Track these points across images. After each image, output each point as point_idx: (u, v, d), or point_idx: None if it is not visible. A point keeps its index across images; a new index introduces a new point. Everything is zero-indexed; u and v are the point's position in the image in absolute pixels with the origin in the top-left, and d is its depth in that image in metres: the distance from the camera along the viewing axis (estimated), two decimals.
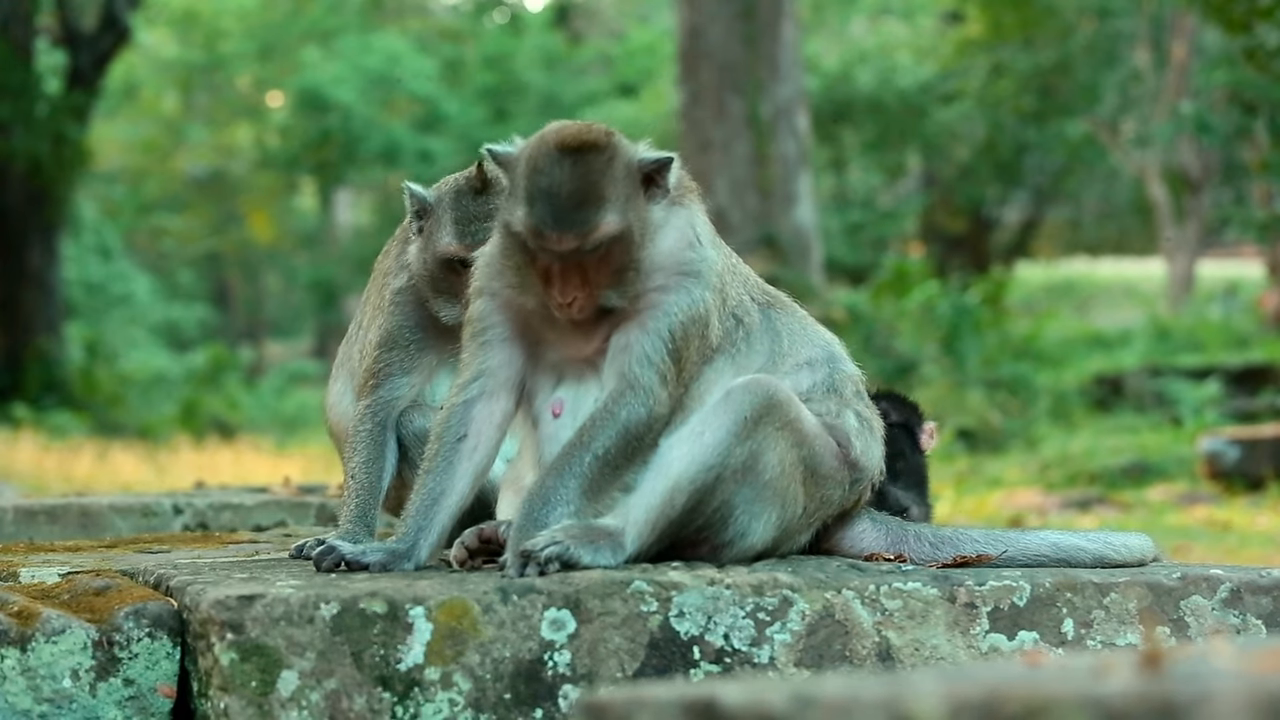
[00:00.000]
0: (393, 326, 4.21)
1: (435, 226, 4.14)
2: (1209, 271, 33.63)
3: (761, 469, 3.43)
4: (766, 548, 3.53)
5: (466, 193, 4.13)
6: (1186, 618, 3.61)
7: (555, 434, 3.57)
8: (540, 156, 3.42)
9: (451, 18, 44.47)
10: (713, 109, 19.50)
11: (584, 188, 3.39)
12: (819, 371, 3.70)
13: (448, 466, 3.61)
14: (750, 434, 3.40)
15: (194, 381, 27.82)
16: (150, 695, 3.38)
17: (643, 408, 3.44)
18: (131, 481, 13.88)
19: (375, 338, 4.24)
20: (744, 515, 3.45)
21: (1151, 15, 29.89)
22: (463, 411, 3.63)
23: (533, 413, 3.66)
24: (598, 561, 3.35)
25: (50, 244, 23.88)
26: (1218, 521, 11.45)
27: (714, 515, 3.43)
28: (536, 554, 3.31)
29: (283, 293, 44.94)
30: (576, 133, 3.44)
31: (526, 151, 3.47)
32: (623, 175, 3.44)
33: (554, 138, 3.44)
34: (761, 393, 3.42)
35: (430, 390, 4.28)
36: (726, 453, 3.39)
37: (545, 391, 3.63)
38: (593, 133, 3.45)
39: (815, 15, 34.61)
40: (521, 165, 3.45)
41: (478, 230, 4.06)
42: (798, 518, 3.55)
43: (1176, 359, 21.74)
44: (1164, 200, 30.39)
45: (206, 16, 38.22)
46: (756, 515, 3.46)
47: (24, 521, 5.61)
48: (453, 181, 4.20)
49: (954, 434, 17.15)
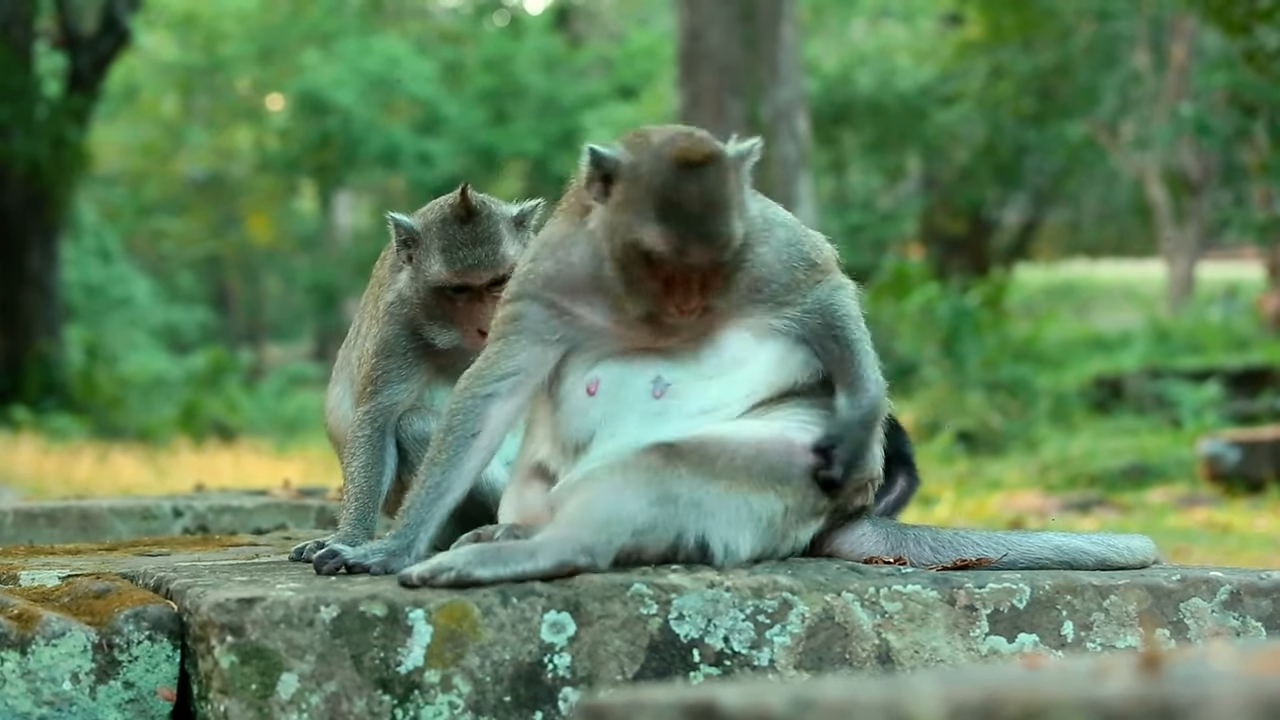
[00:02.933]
0: (389, 335, 4.22)
1: (423, 255, 4.14)
2: (1209, 273, 33.63)
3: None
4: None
5: (452, 221, 4.13)
6: (1186, 620, 3.61)
7: (586, 409, 3.59)
8: (666, 173, 3.41)
9: (451, 20, 44.48)
10: (712, 111, 19.49)
11: (716, 201, 3.41)
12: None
13: (456, 461, 3.60)
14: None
15: (194, 384, 27.81)
16: (150, 698, 3.38)
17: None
18: (131, 484, 13.87)
19: (372, 346, 4.25)
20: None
21: (1151, 17, 29.89)
22: (481, 407, 3.62)
23: (557, 393, 3.66)
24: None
25: (50, 247, 23.89)
26: (1218, 524, 11.45)
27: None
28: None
29: (282, 295, 44.95)
30: (694, 145, 3.44)
31: (644, 166, 3.44)
32: (734, 178, 3.48)
33: (673, 151, 3.43)
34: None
35: (429, 395, 4.29)
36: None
37: (579, 373, 3.64)
38: (707, 143, 3.47)
39: (815, 17, 34.61)
40: (643, 180, 3.43)
41: (466, 256, 4.08)
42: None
43: (1176, 361, 21.74)
44: (1164, 202, 30.39)
45: (206, 19, 38.21)
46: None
47: (24, 524, 5.61)
48: (438, 209, 4.19)
49: (954, 436, 17.16)
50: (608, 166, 3.48)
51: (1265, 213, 23.63)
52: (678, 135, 3.49)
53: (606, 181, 3.51)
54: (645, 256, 3.43)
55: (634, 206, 3.43)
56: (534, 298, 3.62)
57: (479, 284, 4.12)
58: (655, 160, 3.43)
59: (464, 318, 4.15)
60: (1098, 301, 35.86)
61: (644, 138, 3.51)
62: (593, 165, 3.50)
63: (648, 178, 3.42)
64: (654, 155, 3.44)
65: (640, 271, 3.46)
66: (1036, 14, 29.35)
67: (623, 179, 3.47)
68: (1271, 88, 16.61)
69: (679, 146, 3.43)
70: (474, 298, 4.13)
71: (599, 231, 3.54)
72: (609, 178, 3.50)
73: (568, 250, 3.62)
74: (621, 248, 3.46)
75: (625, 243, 3.45)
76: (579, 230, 3.61)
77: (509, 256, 4.13)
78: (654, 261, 3.42)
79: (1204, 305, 29.29)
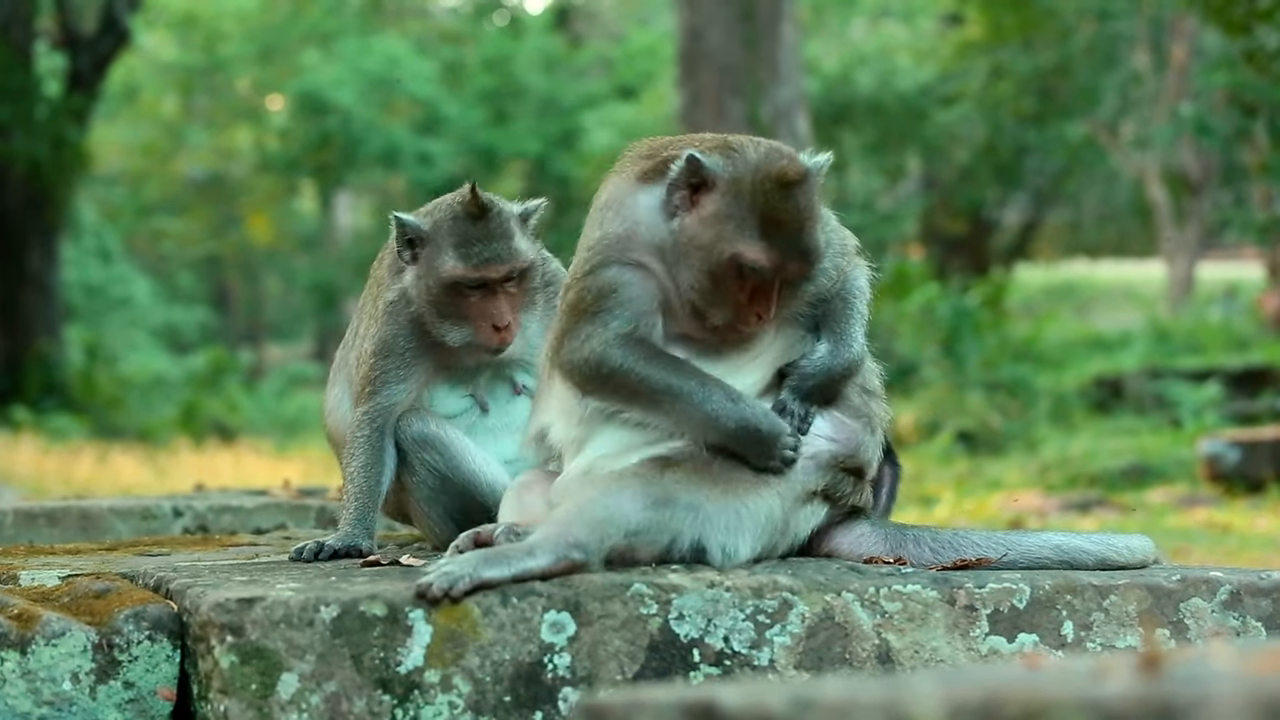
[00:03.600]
0: (388, 335, 4.25)
1: (435, 253, 4.18)
2: (1209, 273, 33.62)
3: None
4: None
5: (464, 218, 4.19)
6: (1186, 620, 3.61)
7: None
8: (770, 192, 3.50)
9: (451, 20, 44.46)
10: (712, 111, 19.48)
11: (812, 218, 3.55)
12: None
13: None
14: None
15: (194, 384, 27.81)
16: (150, 698, 3.38)
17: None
18: (131, 484, 13.87)
19: (371, 346, 4.27)
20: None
21: (1151, 17, 29.88)
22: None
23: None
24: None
25: (50, 247, 23.88)
26: (1217, 524, 11.44)
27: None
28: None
29: (282, 295, 44.96)
30: (793, 164, 3.54)
31: (745, 182, 3.52)
32: (819, 193, 3.60)
33: (772, 170, 3.52)
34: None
35: (428, 395, 4.30)
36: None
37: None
38: (800, 161, 3.57)
39: (815, 17, 34.60)
40: (745, 196, 3.51)
41: (483, 251, 4.15)
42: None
43: (1176, 361, 21.73)
44: (1164, 202, 30.38)
45: (206, 19, 38.19)
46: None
47: (24, 524, 5.62)
48: (446, 208, 4.24)
49: (954, 436, 17.16)
50: (706, 175, 3.54)
51: (1265, 213, 23.63)
52: (773, 152, 3.58)
53: (694, 190, 3.56)
54: (739, 269, 3.51)
55: (734, 221, 3.51)
56: (626, 322, 3.65)
57: (496, 278, 4.17)
58: (756, 177, 3.52)
59: (478, 313, 4.19)
60: (1098, 301, 35.86)
61: (738, 151, 3.57)
62: (688, 170, 3.55)
63: (750, 194, 3.51)
64: (754, 170, 3.52)
65: (731, 283, 3.53)
66: (1036, 14, 29.33)
67: (719, 191, 3.53)
68: (1271, 88, 16.61)
69: (779, 165, 3.53)
70: (489, 293, 4.18)
71: (680, 238, 3.58)
72: (697, 186, 3.55)
73: (613, 266, 3.67)
74: (715, 259, 3.52)
75: (721, 255, 3.51)
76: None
77: (522, 251, 4.20)
78: (746, 274, 3.52)
79: (1204, 305, 29.27)
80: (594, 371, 3.57)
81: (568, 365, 3.63)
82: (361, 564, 3.82)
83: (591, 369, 3.57)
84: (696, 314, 3.59)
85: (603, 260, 3.63)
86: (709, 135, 3.72)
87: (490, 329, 4.18)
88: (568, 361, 3.62)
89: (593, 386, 3.59)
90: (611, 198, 3.70)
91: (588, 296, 3.61)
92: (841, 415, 3.70)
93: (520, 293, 4.25)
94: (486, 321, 4.18)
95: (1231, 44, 17.09)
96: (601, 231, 3.67)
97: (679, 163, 3.55)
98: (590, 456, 3.62)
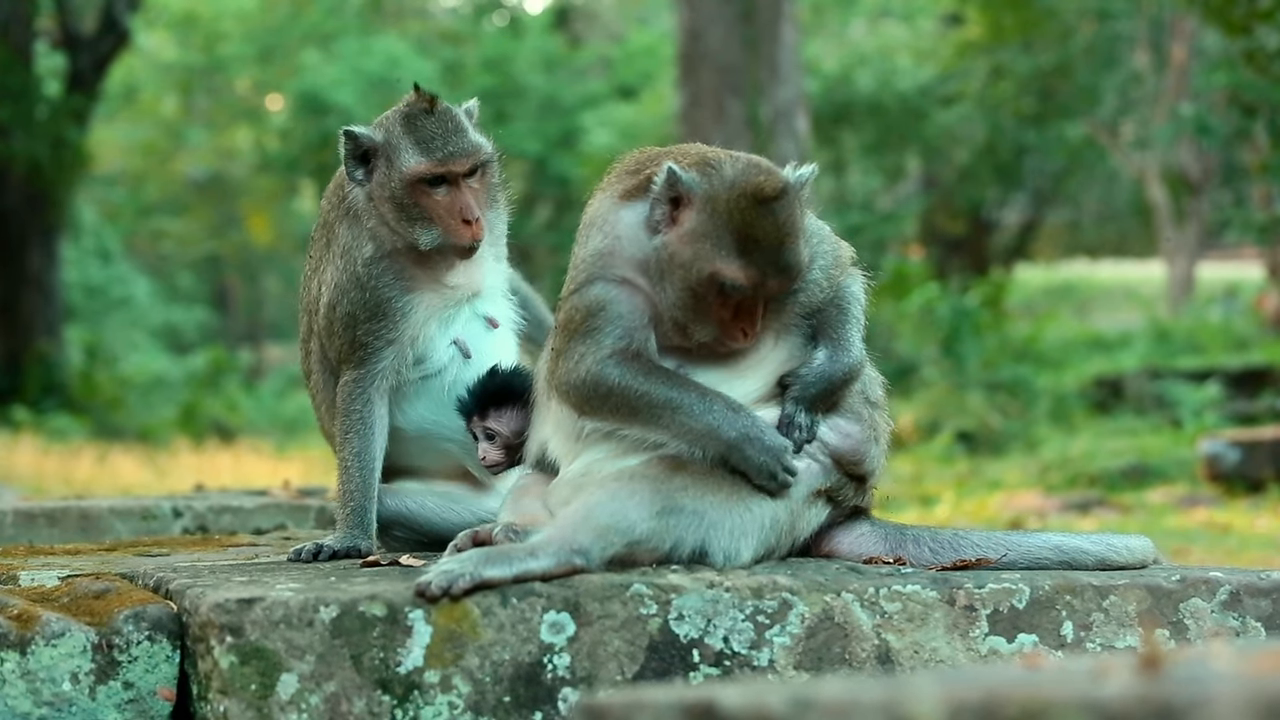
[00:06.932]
0: (374, 298, 4.17)
1: (394, 156, 4.15)
2: (1209, 274, 33.60)
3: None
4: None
5: (418, 115, 4.18)
6: (1186, 620, 3.61)
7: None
8: (746, 209, 3.47)
9: (451, 20, 44.45)
10: (712, 111, 19.48)
11: (792, 233, 3.51)
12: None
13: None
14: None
15: (194, 384, 27.80)
16: (150, 698, 3.38)
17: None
18: (131, 484, 13.87)
19: (349, 310, 4.18)
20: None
21: (1151, 17, 29.87)
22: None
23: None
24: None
25: (50, 247, 23.88)
26: (1217, 524, 11.44)
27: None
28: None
29: (282, 295, 44.91)
30: (770, 180, 3.51)
31: (722, 199, 3.49)
32: (800, 206, 3.57)
33: (748, 187, 3.49)
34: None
35: (420, 349, 4.23)
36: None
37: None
38: (777, 176, 3.53)
39: (815, 17, 34.59)
40: (721, 214, 3.48)
41: (445, 144, 4.13)
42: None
43: (1176, 361, 21.72)
44: (1164, 202, 30.37)
45: (206, 19, 38.19)
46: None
47: (24, 524, 5.62)
48: (395, 113, 4.23)
49: (954, 436, 17.15)
50: (682, 191, 3.51)
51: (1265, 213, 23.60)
52: (750, 168, 3.54)
53: (674, 205, 3.53)
54: (720, 287, 3.49)
55: (711, 239, 3.49)
56: (622, 338, 3.64)
57: (460, 171, 4.15)
58: (731, 194, 3.48)
59: (445, 210, 4.15)
60: (1098, 302, 35.84)
61: (715, 168, 3.53)
62: (667, 185, 3.53)
63: (725, 211, 3.48)
64: (730, 187, 3.49)
65: (713, 300, 3.51)
66: (1036, 14, 29.33)
67: (696, 209, 3.51)
68: (1271, 88, 16.61)
69: (755, 181, 3.49)
70: (453, 188, 4.15)
71: (662, 255, 3.55)
72: (677, 201, 3.53)
73: (602, 284, 3.65)
74: (695, 277, 3.50)
75: (701, 273, 3.49)
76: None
77: (481, 144, 4.20)
78: (728, 291, 3.49)
79: (1204, 305, 29.25)
80: (592, 390, 3.55)
81: (564, 386, 3.60)
82: (361, 564, 3.82)
83: (589, 388, 3.55)
84: (682, 330, 3.57)
85: (588, 278, 3.62)
86: (694, 148, 3.69)
87: (460, 225, 4.14)
88: (564, 382, 3.60)
89: (591, 406, 3.57)
90: (595, 214, 3.70)
91: (576, 315, 3.60)
92: (845, 421, 3.69)
93: (482, 188, 4.22)
94: (455, 219, 4.14)
95: (1231, 44, 17.09)
96: (586, 249, 3.66)
97: (660, 178, 3.54)
98: (586, 460, 3.62)
